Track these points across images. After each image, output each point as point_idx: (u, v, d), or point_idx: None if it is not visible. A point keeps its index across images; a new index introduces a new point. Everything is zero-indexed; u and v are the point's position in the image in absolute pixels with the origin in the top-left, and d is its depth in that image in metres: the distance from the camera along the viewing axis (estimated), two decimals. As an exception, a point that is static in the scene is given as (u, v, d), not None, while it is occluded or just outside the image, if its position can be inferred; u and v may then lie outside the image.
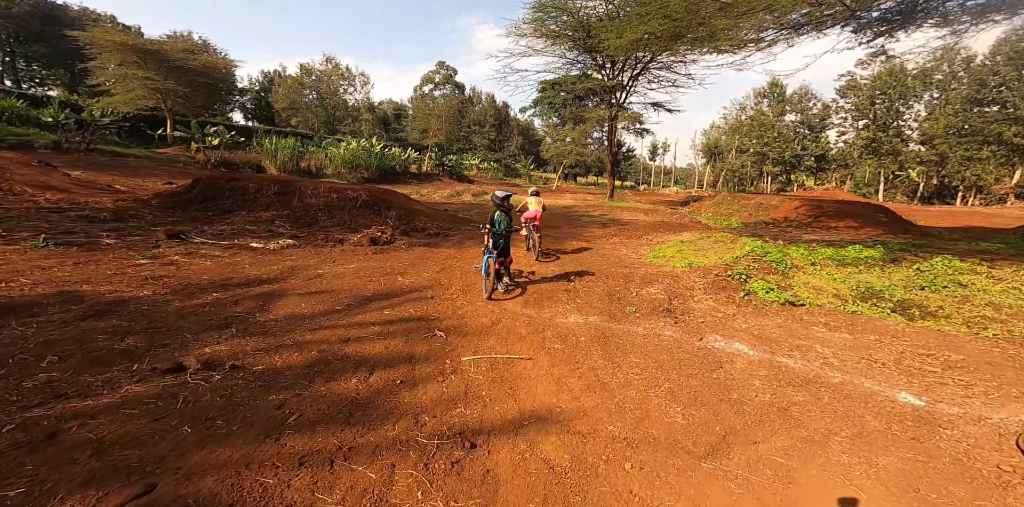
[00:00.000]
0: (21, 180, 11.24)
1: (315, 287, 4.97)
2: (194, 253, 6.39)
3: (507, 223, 5.08)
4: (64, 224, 7.46)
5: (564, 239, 9.81)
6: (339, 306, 4.42)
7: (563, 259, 7.47)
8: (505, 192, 5.13)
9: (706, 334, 4.22)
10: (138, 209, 9.83)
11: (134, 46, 23.34)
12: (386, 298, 4.75)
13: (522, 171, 40.72)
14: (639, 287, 5.69)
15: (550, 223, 12.64)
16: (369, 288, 5.05)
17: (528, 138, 51.10)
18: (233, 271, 5.45)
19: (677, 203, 26.27)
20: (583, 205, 20.40)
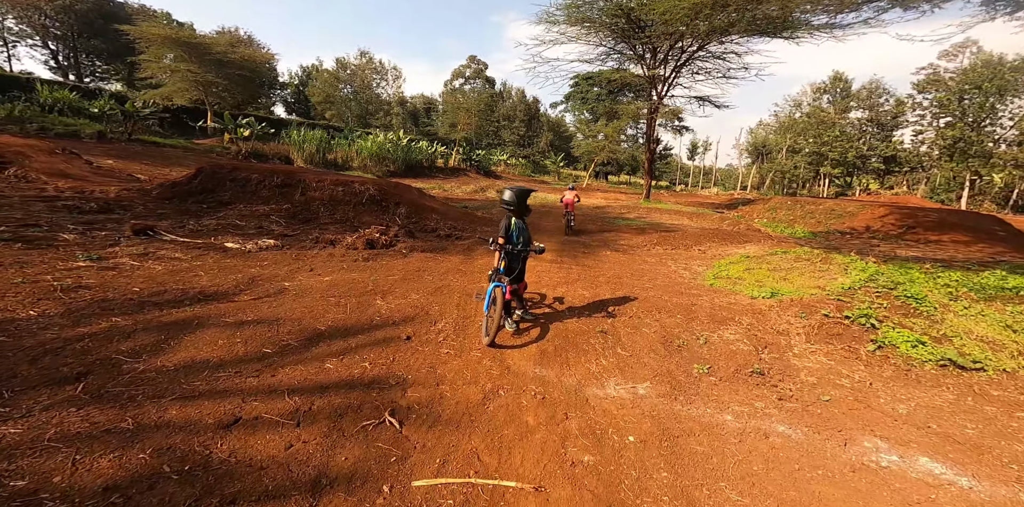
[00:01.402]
0: (39, 168, 10.82)
1: (258, 312, 3.61)
2: (150, 254, 5.23)
3: (525, 237, 3.55)
4: (41, 215, 6.57)
5: (596, 248, 8.11)
6: (269, 348, 3.02)
7: (596, 275, 5.82)
8: (516, 190, 3.43)
9: (850, 432, 2.49)
10: (134, 199, 9.03)
11: (177, 39, 23.58)
12: (343, 336, 3.31)
13: (551, 168, 38.90)
14: (707, 328, 3.98)
15: (579, 226, 10.94)
16: (328, 317, 3.63)
17: (558, 134, 49.14)
18: (178, 281, 4.21)
19: (721, 206, 23.72)
20: (616, 206, 18.47)
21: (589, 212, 14.97)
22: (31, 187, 8.92)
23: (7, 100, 18.11)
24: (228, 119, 22.99)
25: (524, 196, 3.42)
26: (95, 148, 15.56)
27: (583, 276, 5.73)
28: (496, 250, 3.39)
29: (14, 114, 16.99)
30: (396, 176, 21.75)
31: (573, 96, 45.51)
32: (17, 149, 11.42)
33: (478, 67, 44.14)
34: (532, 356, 3.25)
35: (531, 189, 3.60)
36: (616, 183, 46.30)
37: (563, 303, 4.53)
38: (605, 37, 20.71)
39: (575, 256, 7.13)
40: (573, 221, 9.86)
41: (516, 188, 3.45)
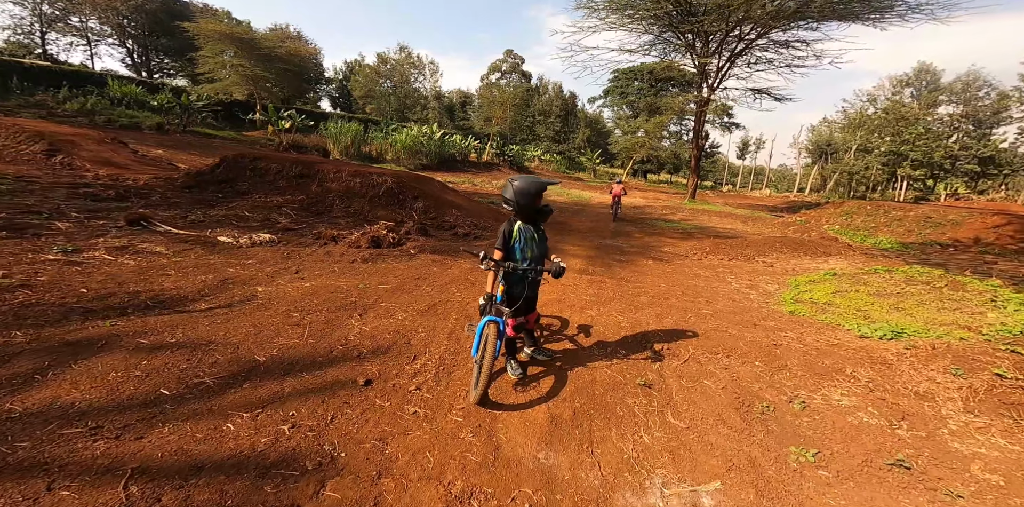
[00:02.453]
0: (86, 156, 11.07)
1: (196, 330, 2.80)
2: (130, 248, 4.65)
3: (538, 250, 2.47)
4: (55, 202, 6.33)
5: (634, 255, 6.84)
6: (169, 389, 2.16)
7: (635, 292, 4.63)
8: (526, 182, 2.35)
9: None
10: (157, 188, 8.87)
11: (231, 35, 24.36)
12: (281, 374, 2.41)
13: (587, 164, 37.18)
14: (803, 383, 2.74)
15: (615, 229, 9.66)
16: (277, 342, 2.76)
17: (595, 130, 47.13)
18: (139, 281, 3.53)
19: (778, 209, 21.26)
20: (657, 206, 16.83)
21: (627, 212, 13.54)
22: (72, 174, 8.97)
23: (82, 94, 19.32)
24: (272, 111, 23.52)
25: (536, 191, 2.33)
26: (151, 139, 16.02)
27: (619, 293, 4.56)
28: (489, 270, 2.34)
29: (87, 107, 18.08)
30: (429, 169, 21.25)
31: (612, 91, 43.37)
32: (67, 138, 11.72)
33: (514, 61, 43.05)
34: (538, 426, 2.17)
35: (549, 182, 2.46)
36: (655, 182, 43.71)
37: (590, 335, 3.39)
38: (650, 24, 18.89)
39: (609, 265, 5.93)
40: (620, 210, 11.42)
41: (526, 179, 2.36)
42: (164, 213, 6.52)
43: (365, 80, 38.65)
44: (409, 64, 40.33)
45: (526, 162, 30.96)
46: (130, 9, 31.40)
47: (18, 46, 30.05)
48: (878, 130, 32.10)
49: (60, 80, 20.62)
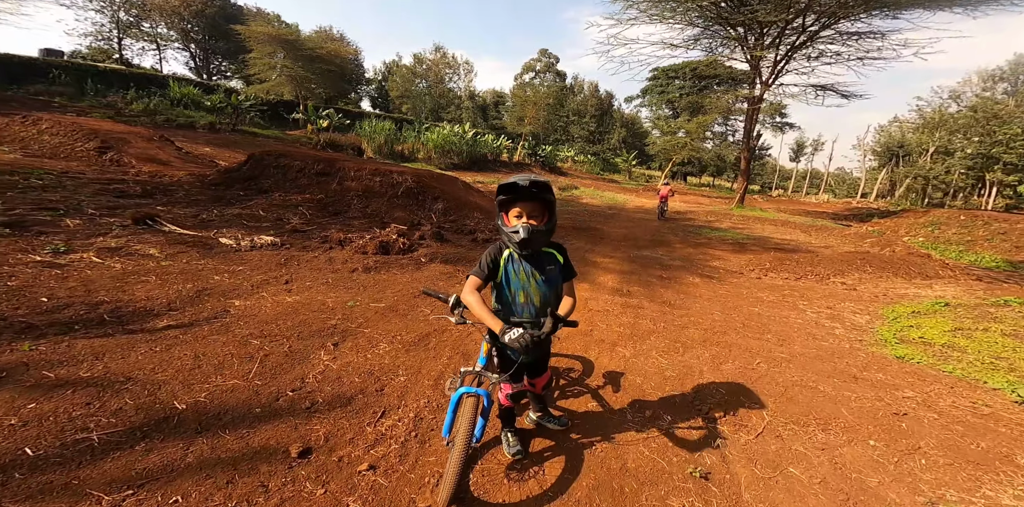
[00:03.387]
0: (133, 153, 11.49)
1: (125, 361, 2.28)
2: (122, 249, 4.36)
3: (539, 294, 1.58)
4: (80, 198, 6.31)
5: (679, 271, 5.84)
6: (34, 449, 1.60)
7: (681, 322, 3.72)
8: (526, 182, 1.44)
9: None
10: (186, 184, 8.93)
11: (277, 36, 25.26)
12: (193, 436, 1.80)
13: (622, 166, 35.62)
14: (949, 480, 1.79)
15: (654, 237, 8.63)
16: (212, 383, 2.17)
17: (632, 131, 45.34)
18: (112, 289, 3.15)
19: (841, 217, 19.04)
20: (700, 211, 15.41)
21: (666, 218, 12.35)
22: (117, 170, 9.22)
23: (147, 95, 20.66)
24: (311, 111, 24.17)
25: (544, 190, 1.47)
26: (202, 137, 16.63)
27: (661, 324, 3.67)
28: (462, 323, 1.59)
29: (150, 108, 19.30)
30: (459, 169, 20.95)
31: (651, 90, 41.41)
32: (119, 135, 12.24)
33: (549, 61, 42.25)
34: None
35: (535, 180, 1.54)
36: (696, 185, 41.25)
37: (620, 387, 2.55)
38: (695, 17, 17.36)
39: (648, 283, 5.00)
40: (667, 210, 11.88)
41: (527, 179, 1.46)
42: (181, 211, 6.34)
43: (402, 80, 39.27)
44: (444, 64, 40.60)
45: (559, 163, 30.04)
46: (192, 14, 33.49)
47: (99, 51, 32.81)
48: (963, 130, 28.28)
49: (129, 82, 22.14)
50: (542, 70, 41.90)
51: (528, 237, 1.42)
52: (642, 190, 24.39)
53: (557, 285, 1.60)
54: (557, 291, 1.61)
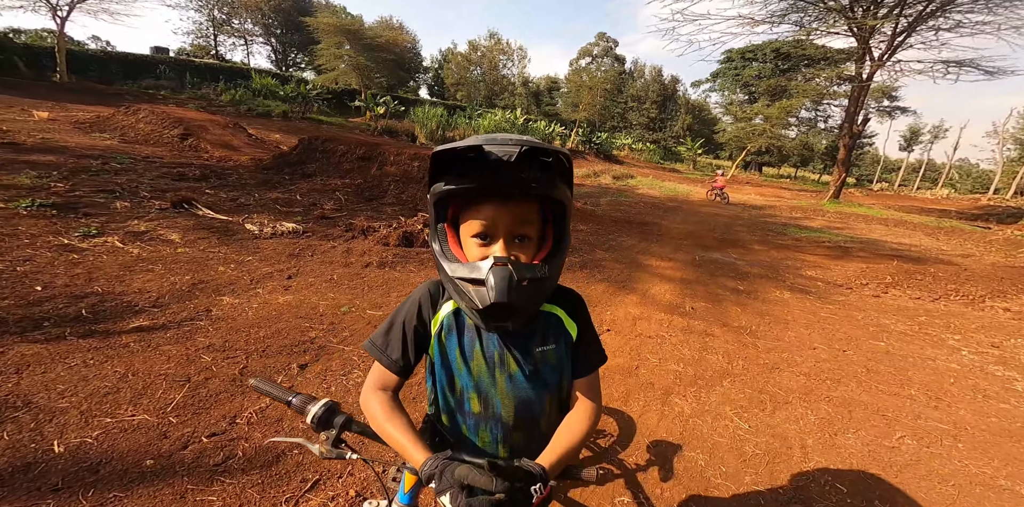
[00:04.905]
0: (210, 139, 12.31)
1: (38, 377, 1.90)
2: (146, 234, 4.26)
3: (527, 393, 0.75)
4: (139, 180, 6.59)
5: (757, 281, 4.62)
6: None
7: (768, 359, 2.70)
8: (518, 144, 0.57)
9: None
10: (243, 168, 9.26)
11: (340, 27, 26.13)
12: (36, 502, 1.29)
13: (686, 154, 32.63)
14: None
15: (724, 236, 7.29)
16: (115, 418, 1.69)
17: (698, 118, 41.43)
18: (112, 279, 2.96)
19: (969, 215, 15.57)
20: (782, 206, 13.28)
21: (738, 213, 10.68)
22: (193, 155, 9.81)
23: (233, 87, 22.45)
24: (369, 98, 24.77)
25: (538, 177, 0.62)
26: (274, 125, 17.48)
27: (737, 362, 2.68)
28: (334, 458, 0.70)
29: (235, 98, 20.81)
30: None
31: (724, 73, 37.14)
32: (199, 123, 13.11)
33: (607, 45, 39.58)
34: None
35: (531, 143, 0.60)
36: (774, 176, 36.76)
37: (671, 470, 1.67)
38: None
39: (718, 298, 3.92)
40: (728, 199, 11.86)
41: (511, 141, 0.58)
42: (224, 194, 6.35)
43: (457, 67, 39.17)
44: (498, 51, 39.80)
45: (615, 151, 28.19)
46: (271, 9, 35.69)
47: (198, 48, 36.31)
48: None
49: (219, 75, 24.07)
50: (599, 55, 39.52)
51: (506, 301, 0.59)
52: (708, 180, 22.06)
53: (557, 383, 0.77)
54: (559, 394, 0.79)
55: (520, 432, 0.77)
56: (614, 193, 12.29)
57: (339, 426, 0.69)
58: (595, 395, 0.78)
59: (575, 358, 0.78)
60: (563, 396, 0.80)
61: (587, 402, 0.77)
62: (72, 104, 12.82)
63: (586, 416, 0.75)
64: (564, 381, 0.78)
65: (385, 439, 0.68)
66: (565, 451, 0.68)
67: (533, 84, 44.44)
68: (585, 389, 0.78)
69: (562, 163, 0.62)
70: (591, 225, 6.86)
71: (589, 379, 0.79)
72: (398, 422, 0.68)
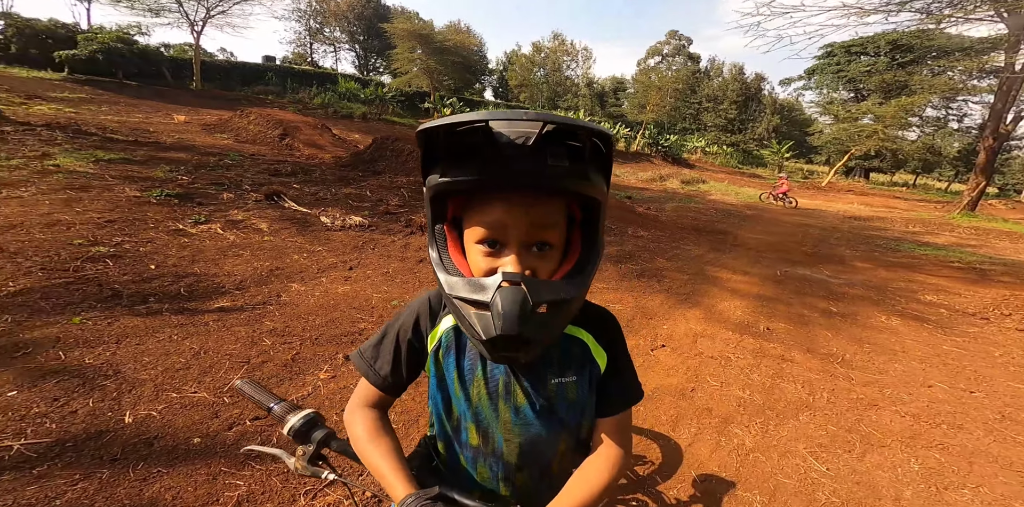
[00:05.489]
0: (302, 138, 13.90)
1: (126, 350, 2.17)
2: (241, 223, 4.84)
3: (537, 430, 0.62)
4: (244, 175, 7.49)
5: (856, 303, 3.89)
6: None
7: (864, 393, 2.21)
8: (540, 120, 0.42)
9: None
10: (325, 165, 10.21)
11: (414, 32, 27.97)
12: (91, 471, 1.45)
13: (770, 158, 29.47)
14: None
15: (816, 249, 6.37)
16: (179, 394, 1.87)
17: (787, 118, 37.27)
18: (208, 261, 3.36)
19: None
20: (895, 218, 11.32)
21: (835, 224, 9.31)
22: (288, 153, 11.11)
23: (323, 91, 25.12)
24: (437, 99, 26.10)
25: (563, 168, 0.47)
26: (355, 125, 19.10)
27: (821, 393, 2.24)
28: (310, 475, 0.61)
29: (325, 101, 23.20)
30: None
31: (822, 69, 33.08)
32: (295, 124, 14.82)
33: (679, 43, 37.34)
34: None
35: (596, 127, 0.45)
36: (883, 184, 31.66)
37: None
38: None
39: (802, 320, 3.36)
40: (795, 203, 11.44)
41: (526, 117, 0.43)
42: (308, 189, 6.89)
43: (521, 69, 39.73)
44: (562, 52, 39.64)
45: (685, 154, 26.44)
46: (355, 17, 39.24)
47: (298, 56, 41.18)
48: None
49: (313, 80, 27.02)
50: (670, 53, 37.51)
51: (517, 333, 0.46)
52: (796, 187, 19.66)
53: (576, 422, 0.65)
54: (577, 434, 0.66)
55: (525, 473, 0.65)
56: (682, 198, 11.45)
57: (317, 441, 0.62)
58: (623, 440, 0.64)
59: (601, 393, 0.64)
60: (583, 436, 0.67)
61: (612, 447, 0.63)
62: (202, 108, 15.05)
63: (608, 465, 0.61)
64: (586, 420, 0.65)
65: (366, 464, 0.59)
66: (585, 502, 0.56)
67: (598, 85, 43.56)
68: (611, 431, 0.64)
69: (598, 147, 0.47)
70: (653, 232, 6.41)
71: (617, 419, 0.65)
72: (382, 446, 0.60)
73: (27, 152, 5.83)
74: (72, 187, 4.55)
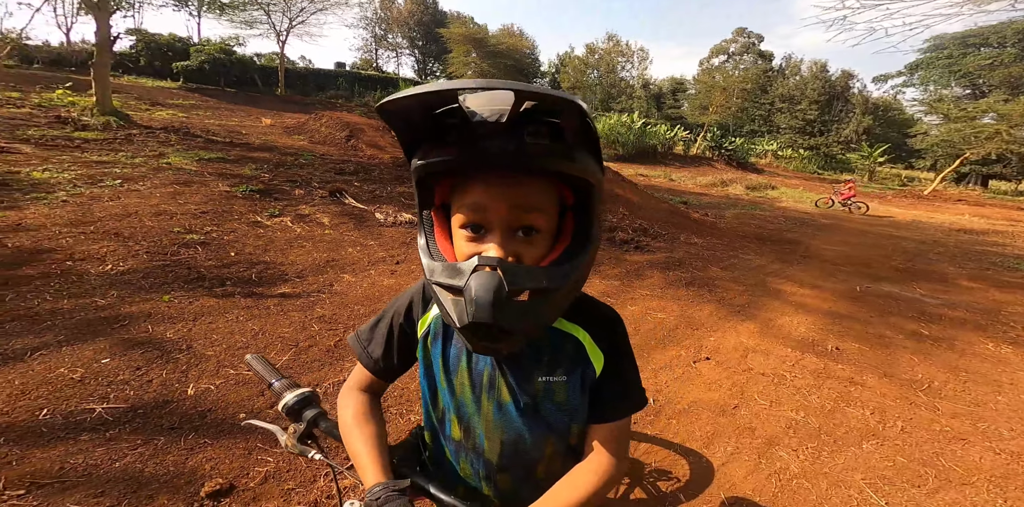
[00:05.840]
0: (365, 140, 14.96)
1: (206, 324, 2.46)
2: (307, 217, 5.30)
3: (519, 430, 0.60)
4: (313, 173, 8.19)
5: (956, 328, 3.30)
6: (50, 413, 1.65)
7: (950, 427, 1.87)
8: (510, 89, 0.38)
9: None
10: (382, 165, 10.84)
11: (468, 36, 28.89)
12: (150, 438, 1.65)
13: (859, 163, 26.22)
14: None
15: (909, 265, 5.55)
16: (235, 370, 2.08)
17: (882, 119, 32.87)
18: (277, 251, 3.74)
19: None
20: (1018, 232, 9.52)
21: (937, 238, 8.05)
22: (353, 153, 12.03)
23: (386, 95, 27.00)
24: None
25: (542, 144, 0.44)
26: None
27: (894, 422, 1.95)
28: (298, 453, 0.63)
29: None
30: (623, 161, 19.54)
31: (929, 63, 28.63)
32: (359, 126, 15.94)
33: (747, 41, 34.49)
34: None
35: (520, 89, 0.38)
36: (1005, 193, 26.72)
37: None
38: None
39: (882, 341, 2.92)
40: (865, 208, 10.80)
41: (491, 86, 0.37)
42: (366, 187, 7.32)
43: (574, 71, 39.26)
44: (616, 52, 38.51)
45: (753, 158, 24.43)
46: (415, 23, 41.27)
47: (365, 62, 44.14)
48: None
49: (377, 85, 28.88)
50: (737, 52, 34.90)
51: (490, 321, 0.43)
52: (890, 196, 17.30)
53: (565, 426, 0.61)
54: (565, 438, 0.63)
55: (508, 474, 0.63)
56: (745, 205, 10.58)
57: (308, 420, 0.63)
58: (617, 449, 0.59)
59: (596, 398, 0.60)
60: (572, 441, 0.63)
61: (603, 456, 0.58)
62: (284, 112, 16.60)
63: (596, 475, 0.57)
64: (576, 424, 0.61)
65: (347, 447, 0.60)
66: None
67: (654, 86, 41.77)
68: (604, 439, 0.60)
69: (587, 126, 0.43)
70: (709, 239, 5.99)
71: (612, 427, 0.60)
72: (366, 431, 0.60)
73: (147, 152, 6.85)
74: (178, 182, 5.26)
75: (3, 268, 2.67)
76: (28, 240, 3.06)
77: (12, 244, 2.97)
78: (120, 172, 5.38)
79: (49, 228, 3.32)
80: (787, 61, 36.82)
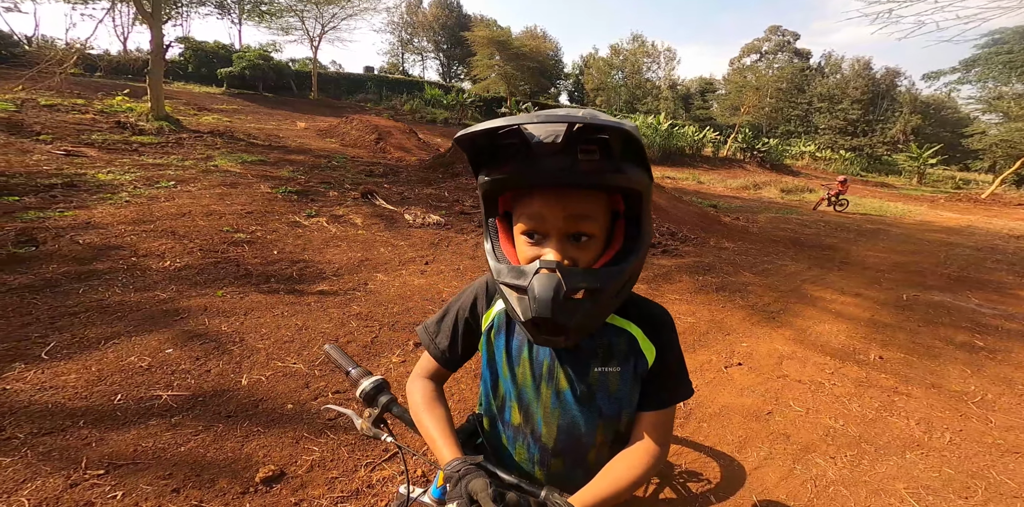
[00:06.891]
0: (392, 142, 15.35)
1: (254, 320, 2.64)
2: (341, 218, 5.52)
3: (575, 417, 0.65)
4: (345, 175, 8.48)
5: (1009, 338, 3.10)
6: (123, 399, 1.80)
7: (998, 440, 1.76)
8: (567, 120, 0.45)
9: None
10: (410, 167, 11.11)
11: (492, 39, 28.96)
12: (210, 425, 1.77)
13: (906, 165, 24.64)
14: None
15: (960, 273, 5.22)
16: (283, 363, 2.20)
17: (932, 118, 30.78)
18: (315, 250, 3.92)
19: None
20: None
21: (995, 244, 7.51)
22: (382, 156, 12.36)
23: (412, 98, 27.29)
24: (513, 105, 26.73)
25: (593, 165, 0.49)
26: (437, 130, 20.28)
27: (941, 433, 1.90)
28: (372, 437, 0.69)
29: (413, 108, 25.21)
30: (651, 163, 19.29)
31: (987, 59, 26.48)
32: (387, 129, 16.34)
33: (781, 39, 33.02)
34: None
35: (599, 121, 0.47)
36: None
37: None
38: None
39: (929, 352, 2.78)
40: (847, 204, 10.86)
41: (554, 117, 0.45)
42: (395, 189, 7.53)
43: (598, 73, 38.73)
44: (642, 53, 37.68)
45: (787, 159, 23.41)
46: (440, 26, 41.73)
47: (392, 66, 44.97)
48: None
49: (403, 88, 29.43)
50: (771, 50, 33.51)
51: (550, 317, 0.50)
52: (942, 199, 16.19)
53: (616, 414, 0.66)
54: (615, 426, 0.67)
55: (561, 459, 0.68)
56: (779, 208, 10.19)
57: (382, 405, 0.69)
58: (660, 436, 0.65)
59: (646, 387, 0.66)
60: (622, 429, 0.68)
61: (648, 443, 0.64)
62: (318, 116, 17.19)
63: (642, 460, 0.62)
64: (625, 412, 0.66)
65: (419, 429, 0.67)
66: (604, 497, 0.57)
67: (682, 87, 40.62)
68: (650, 426, 0.65)
69: (634, 140, 0.49)
70: (741, 243, 5.83)
71: (658, 415, 0.66)
72: (436, 414, 0.67)
73: (196, 155, 7.30)
74: (225, 184, 5.58)
75: (77, 263, 2.95)
76: (97, 237, 3.35)
77: (84, 241, 3.26)
78: (173, 174, 5.77)
79: (115, 226, 3.62)
80: (826, 59, 35.17)
